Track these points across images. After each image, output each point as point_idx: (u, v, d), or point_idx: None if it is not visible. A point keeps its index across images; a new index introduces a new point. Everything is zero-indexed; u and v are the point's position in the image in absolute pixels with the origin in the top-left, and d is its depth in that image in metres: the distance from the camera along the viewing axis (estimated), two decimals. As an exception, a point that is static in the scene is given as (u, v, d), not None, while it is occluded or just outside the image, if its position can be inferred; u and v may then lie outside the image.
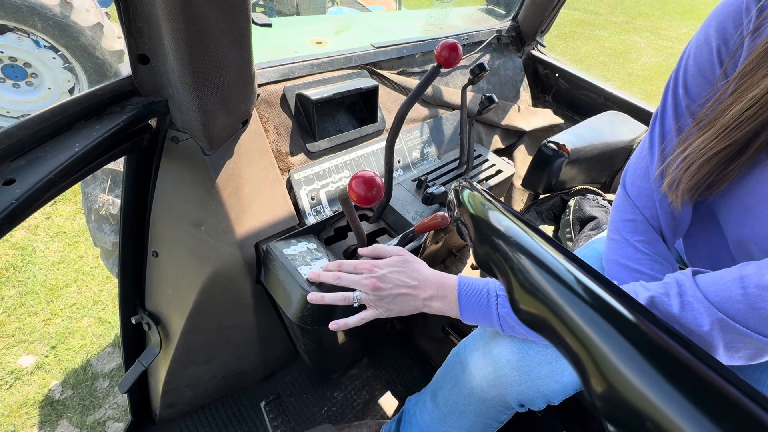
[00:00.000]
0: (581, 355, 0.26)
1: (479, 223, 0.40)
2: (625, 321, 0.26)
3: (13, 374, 1.40)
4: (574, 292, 0.28)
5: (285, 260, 0.69)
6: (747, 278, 0.39)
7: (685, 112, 0.53)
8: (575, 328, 0.27)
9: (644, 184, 0.59)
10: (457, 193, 0.48)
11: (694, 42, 0.51)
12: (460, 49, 0.67)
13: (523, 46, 1.46)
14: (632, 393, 0.23)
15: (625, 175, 0.63)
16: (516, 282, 0.32)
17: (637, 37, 6.88)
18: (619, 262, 0.60)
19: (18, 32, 2.11)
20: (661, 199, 0.57)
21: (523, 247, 0.33)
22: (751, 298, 0.38)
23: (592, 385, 0.25)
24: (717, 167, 0.48)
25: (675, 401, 0.22)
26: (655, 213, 0.58)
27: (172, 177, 0.65)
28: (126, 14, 0.48)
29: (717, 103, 0.47)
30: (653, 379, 0.23)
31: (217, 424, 1.04)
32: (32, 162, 0.44)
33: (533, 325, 0.30)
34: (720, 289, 0.41)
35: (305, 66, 0.86)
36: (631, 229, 0.60)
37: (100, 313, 1.63)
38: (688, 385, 0.22)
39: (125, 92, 0.55)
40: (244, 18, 0.53)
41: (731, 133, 0.45)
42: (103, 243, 1.35)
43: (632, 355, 0.24)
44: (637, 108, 1.32)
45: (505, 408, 0.68)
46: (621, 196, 0.63)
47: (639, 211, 0.60)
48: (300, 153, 0.83)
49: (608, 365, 0.25)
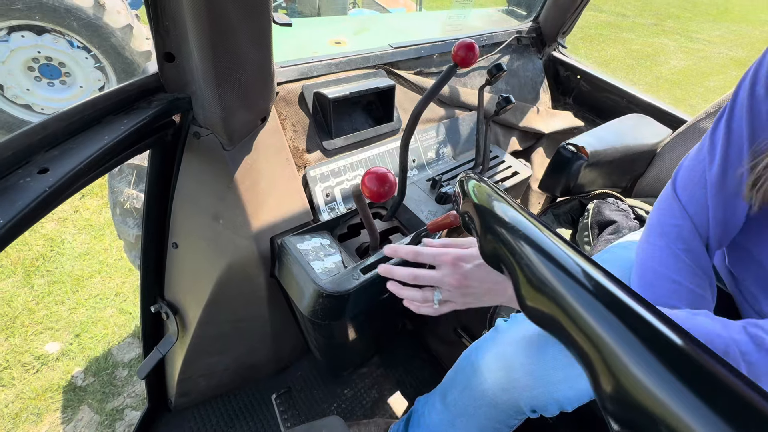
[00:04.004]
0: (591, 354, 0.25)
1: (485, 215, 0.39)
2: (637, 318, 0.25)
3: (40, 359, 1.46)
4: (584, 287, 0.27)
5: (299, 255, 0.71)
6: None
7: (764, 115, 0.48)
8: (585, 324, 0.26)
9: (698, 189, 0.54)
10: (462, 184, 0.46)
11: None
12: (476, 49, 0.67)
13: (544, 48, 1.44)
14: (644, 393, 0.22)
15: (676, 176, 0.59)
16: (523, 277, 0.31)
17: (666, 39, 6.68)
18: (656, 270, 0.56)
19: (54, 33, 2.21)
20: (716, 206, 0.53)
21: (531, 239, 0.32)
22: None
23: (601, 384, 0.25)
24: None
25: (689, 402, 0.20)
26: (705, 221, 0.54)
27: (193, 171, 0.68)
28: (154, 14, 0.51)
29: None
30: (666, 379, 0.22)
31: (228, 415, 1.06)
32: (65, 153, 0.47)
33: (541, 321, 0.30)
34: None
35: (324, 65, 0.88)
36: (676, 234, 0.55)
37: (121, 304, 1.69)
38: (703, 385, 0.21)
39: (152, 88, 0.57)
40: (266, 18, 0.54)
41: None
42: (126, 236, 1.40)
43: (644, 353, 0.23)
44: (662, 111, 1.29)
45: (516, 413, 0.67)
46: (669, 198, 0.58)
47: (689, 216, 0.55)
48: (316, 150, 0.85)
49: (619, 363, 0.24)
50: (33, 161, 0.45)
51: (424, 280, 0.57)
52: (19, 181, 0.42)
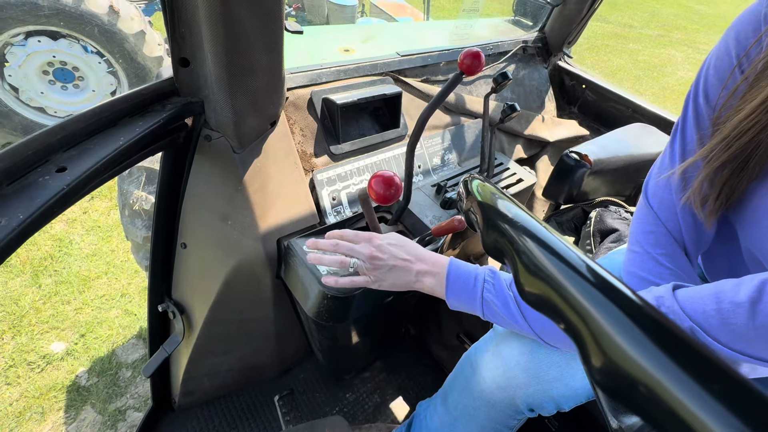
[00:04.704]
0: (581, 328, 0.29)
1: (487, 210, 0.42)
2: (620, 295, 0.29)
3: (45, 359, 1.48)
4: (575, 271, 0.31)
5: (305, 256, 0.72)
6: (723, 293, 0.40)
7: (706, 122, 0.52)
8: (575, 303, 0.30)
9: (666, 195, 0.58)
10: (466, 184, 0.49)
11: (715, 52, 0.51)
12: (482, 57, 0.68)
13: (550, 57, 1.46)
14: (627, 361, 0.26)
15: (647, 185, 0.62)
16: (521, 264, 0.35)
17: (673, 50, 6.69)
18: (639, 275, 0.58)
19: (69, 39, 2.27)
20: (683, 211, 0.56)
21: (528, 231, 0.36)
22: (724, 313, 0.39)
23: (590, 357, 0.28)
24: (730, 178, 0.48)
25: (665, 366, 0.24)
26: (678, 225, 0.57)
27: (204, 173, 0.69)
28: (171, 21, 0.52)
29: (724, 109, 0.46)
30: (646, 347, 0.25)
31: (231, 415, 1.06)
32: (82, 153, 0.48)
33: (537, 304, 0.33)
34: (696, 303, 0.42)
35: (332, 72, 0.90)
36: (653, 241, 0.58)
37: (127, 305, 1.70)
38: (678, 352, 0.25)
39: (166, 92, 0.59)
40: (278, 26, 0.56)
41: (731, 142, 0.45)
42: (134, 237, 1.42)
43: (627, 325, 0.27)
44: (666, 121, 1.29)
45: (515, 412, 0.68)
46: (643, 207, 0.62)
47: (661, 223, 0.58)
48: (324, 155, 0.86)
49: (605, 336, 0.27)
50: (52, 160, 0.46)
51: (342, 249, 0.64)
52: (38, 179, 0.44)
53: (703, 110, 0.52)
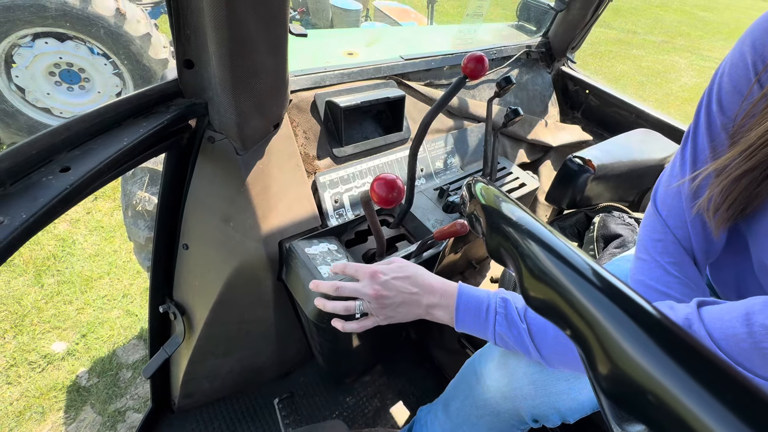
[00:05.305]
0: (587, 334, 0.28)
1: (491, 214, 0.41)
2: (628, 301, 0.27)
3: (46, 358, 1.48)
4: (581, 275, 0.30)
5: (306, 259, 0.72)
6: (753, 315, 0.37)
7: (719, 130, 0.51)
8: (581, 307, 0.28)
9: (676, 203, 0.57)
10: (469, 187, 0.49)
11: (729, 59, 0.50)
12: (485, 61, 0.68)
13: (553, 62, 1.46)
14: (635, 369, 0.24)
15: (656, 193, 0.61)
16: (526, 269, 0.34)
17: (677, 57, 6.68)
18: (646, 284, 0.57)
19: (76, 40, 2.29)
20: (693, 220, 0.54)
21: (534, 234, 0.35)
22: (756, 336, 0.36)
23: (597, 363, 0.27)
24: (747, 188, 0.46)
25: (675, 375, 0.23)
26: (687, 234, 0.55)
27: (207, 174, 0.69)
28: (177, 23, 0.53)
29: (748, 118, 0.45)
30: (655, 354, 0.24)
31: (231, 418, 1.06)
32: (86, 153, 0.49)
33: (542, 309, 0.32)
34: (725, 326, 0.39)
35: (336, 75, 0.90)
36: (661, 249, 0.57)
37: (128, 306, 1.71)
38: (690, 361, 0.23)
39: (170, 93, 0.60)
40: (283, 29, 0.56)
41: (754, 152, 0.43)
42: (137, 237, 1.42)
43: (635, 331, 0.26)
44: (670, 127, 1.29)
45: (519, 422, 0.67)
46: (651, 215, 0.61)
47: (670, 231, 0.57)
48: (326, 157, 0.86)
49: (613, 342, 0.26)
50: (56, 160, 0.47)
51: (345, 291, 0.60)
52: (42, 178, 0.44)
53: (716, 117, 0.51)
